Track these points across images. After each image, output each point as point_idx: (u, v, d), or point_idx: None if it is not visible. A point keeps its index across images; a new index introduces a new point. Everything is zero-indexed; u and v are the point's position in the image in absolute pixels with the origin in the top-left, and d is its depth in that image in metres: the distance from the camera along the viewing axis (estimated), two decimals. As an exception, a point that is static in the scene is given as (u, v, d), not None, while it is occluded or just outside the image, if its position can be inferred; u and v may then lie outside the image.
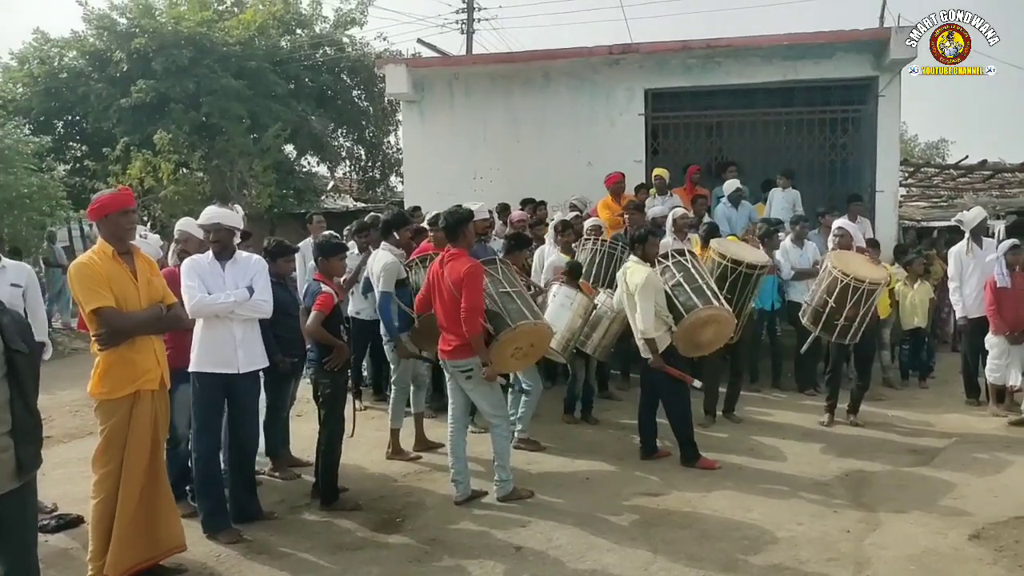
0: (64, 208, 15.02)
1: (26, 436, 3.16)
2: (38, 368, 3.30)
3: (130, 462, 4.00)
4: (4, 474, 3.09)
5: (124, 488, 3.99)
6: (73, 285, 3.95)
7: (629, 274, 5.95)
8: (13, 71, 20.69)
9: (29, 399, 3.17)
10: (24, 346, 3.14)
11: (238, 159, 17.54)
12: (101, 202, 4.03)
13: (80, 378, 5.45)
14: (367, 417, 7.34)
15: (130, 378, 3.97)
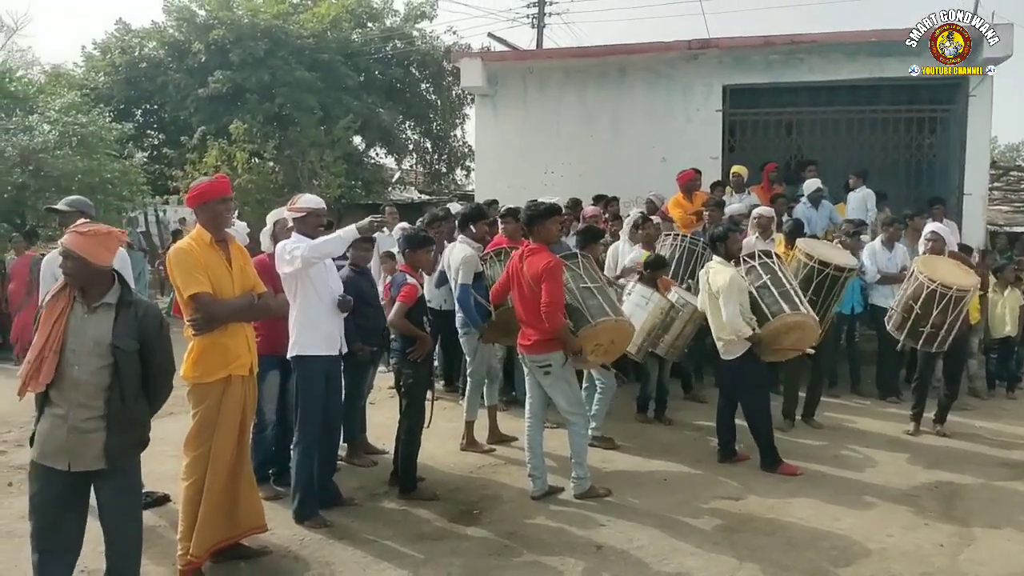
0: (143, 194, 15.47)
1: (117, 425, 3.35)
2: (152, 367, 3.43)
3: (218, 445, 4.06)
4: (91, 453, 3.33)
5: (212, 470, 4.06)
6: (172, 270, 4.00)
7: (712, 275, 5.82)
8: (96, 60, 21.44)
9: (126, 392, 3.34)
10: (130, 344, 3.33)
11: (309, 150, 17.84)
12: (201, 189, 4.08)
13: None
14: (439, 408, 7.32)
15: (222, 363, 4.03)
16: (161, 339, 3.47)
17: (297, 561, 4.29)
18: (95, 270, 3.37)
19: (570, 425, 5.25)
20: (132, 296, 3.46)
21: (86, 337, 3.32)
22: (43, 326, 3.36)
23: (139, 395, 3.43)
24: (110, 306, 3.39)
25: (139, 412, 3.46)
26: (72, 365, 3.29)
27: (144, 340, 3.39)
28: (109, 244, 3.43)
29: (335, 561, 4.30)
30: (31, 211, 13.51)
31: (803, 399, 7.10)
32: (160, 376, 3.51)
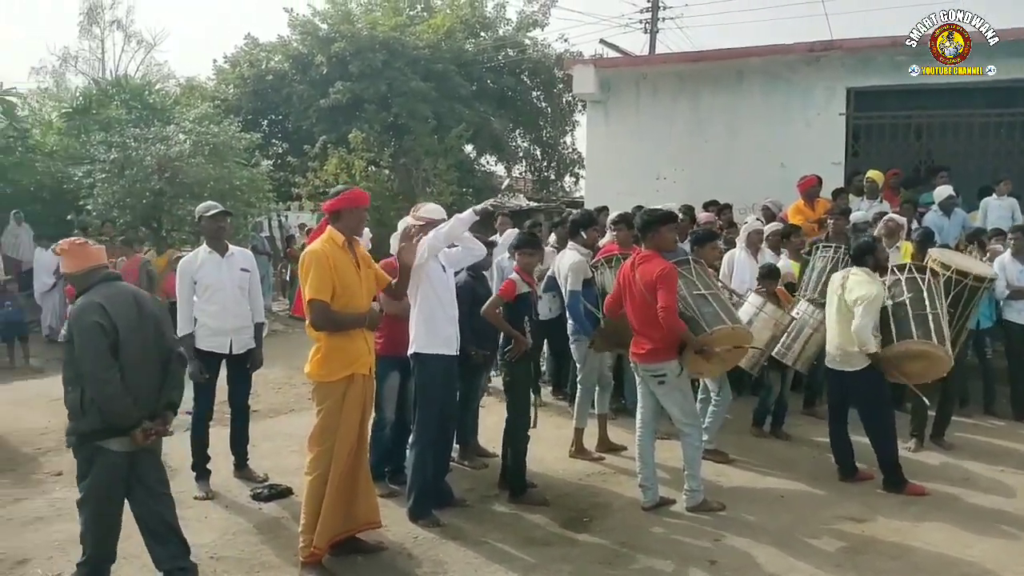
0: (269, 200, 16.22)
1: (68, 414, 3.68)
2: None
3: (341, 441, 4.19)
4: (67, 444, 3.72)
5: (334, 465, 4.19)
6: (305, 270, 4.17)
7: (853, 283, 5.52)
8: (226, 73, 22.67)
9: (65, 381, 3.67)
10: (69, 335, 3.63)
11: (423, 158, 18.25)
12: (350, 196, 4.30)
13: (280, 358, 5.89)
14: (547, 414, 7.38)
15: (346, 363, 4.18)
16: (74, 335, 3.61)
17: (411, 559, 4.38)
18: (78, 276, 3.76)
19: (684, 436, 5.15)
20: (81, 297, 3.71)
21: None
22: None
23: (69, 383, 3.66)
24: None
25: (71, 402, 3.65)
26: None
27: (70, 330, 3.66)
28: (83, 251, 3.80)
29: (447, 561, 4.37)
30: (167, 215, 14.40)
31: (932, 418, 6.70)
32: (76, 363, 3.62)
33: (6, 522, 4.88)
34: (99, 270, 3.79)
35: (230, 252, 5.51)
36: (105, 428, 3.60)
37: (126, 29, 31.13)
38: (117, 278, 3.88)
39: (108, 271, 3.86)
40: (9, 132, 15.97)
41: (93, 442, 3.62)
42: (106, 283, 3.75)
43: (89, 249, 3.83)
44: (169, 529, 3.82)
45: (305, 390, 8.63)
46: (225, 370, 5.56)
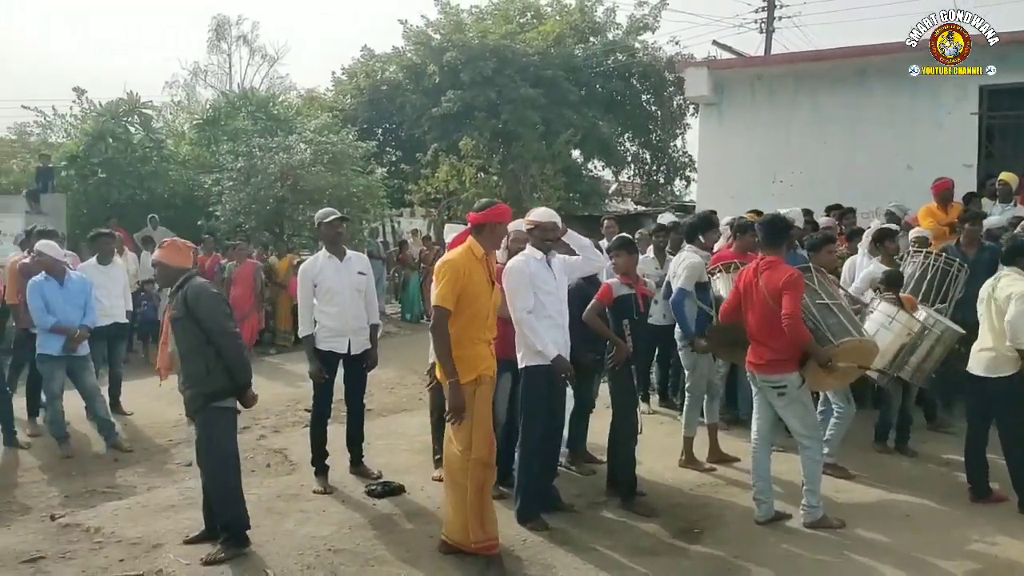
0: (383, 206, 16.73)
1: (188, 381, 4.35)
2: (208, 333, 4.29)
3: (477, 441, 4.23)
4: (188, 411, 4.43)
5: (473, 467, 4.22)
6: (440, 276, 4.29)
7: (1005, 283, 5.17)
8: (344, 84, 23.56)
9: (181, 352, 4.36)
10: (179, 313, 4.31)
11: (531, 163, 18.40)
12: (494, 211, 4.41)
13: (392, 360, 6.05)
14: (656, 422, 7.27)
15: (473, 366, 4.26)
16: (199, 308, 4.29)
17: (519, 561, 4.40)
18: (170, 271, 4.48)
19: (804, 450, 4.96)
20: (186, 283, 4.38)
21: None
22: (164, 328, 4.66)
23: (194, 354, 4.31)
24: (175, 292, 4.41)
25: (195, 369, 4.32)
26: (172, 343, 4.47)
27: (188, 310, 4.29)
28: (183, 251, 4.56)
29: (556, 565, 4.37)
30: (288, 221, 15.09)
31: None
32: (217, 336, 4.30)
33: (142, 508, 5.21)
34: (190, 269, 4.54)
35: (348, 256, 5.70)
36: (227, 387, 4.34)
37: (251, 44, 32.89)
38: (198, 274, 4.59)
39: (195, 270, 4.62)
40: (146, 142, 17.16)
41: (217, 402, 4.33)
42: (194, 278, 4.45)
43: (189, 251, 4.58)
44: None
45: (417, 391, 8.84)
46: (342, 370, 5.73)
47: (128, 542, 4.57)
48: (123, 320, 7.68)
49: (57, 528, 4.86)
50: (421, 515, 5.03)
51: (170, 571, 4.17)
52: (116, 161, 16.06)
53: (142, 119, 17.64)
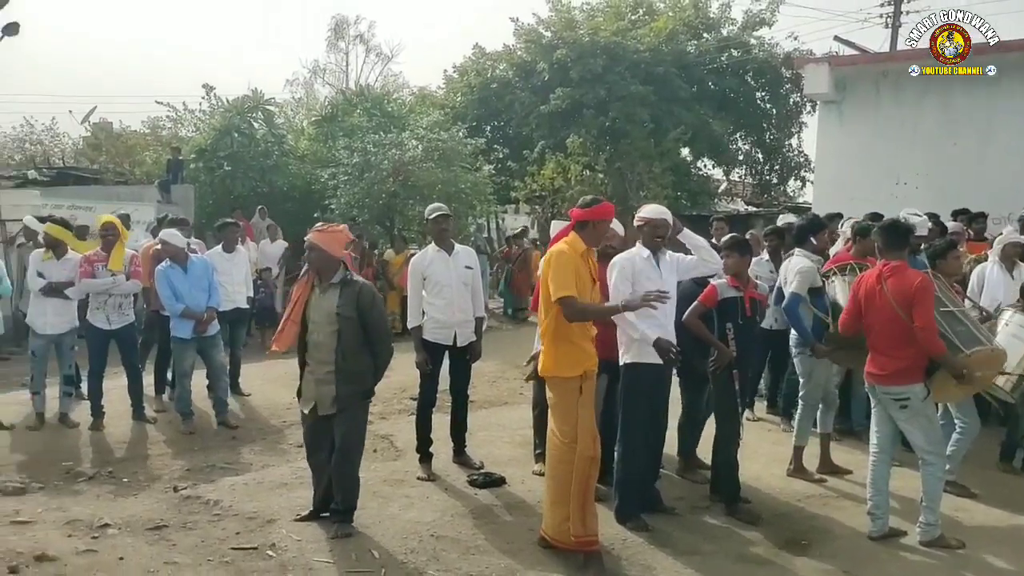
0: (490, 203, 16.91)
1: (345, 377, 4.42)
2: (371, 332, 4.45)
3: (582, 436, 4.23)
4: (326, 401, 4.48)
5: (578, 464, 4.22)
6: (551, 268, 4.30)
7: None
8: (455, 82, 23.93)
9: (347, 348, 4.40)
10: (351, 312, 4.37)
11: (639, 161, 18.19)
12: (598, 209, 4.41)
13: (494, 353, 6.11)
14: (763, 429, 7.08)
15: (578, 361, 4.27)
16: (373, 308, 4.47)
17: (619, 560, 4.37)
18: (328, 258, 4.43)
19: (926, 465, 4.71)
20: (351, 278, 4.49)
21: (321, 309, 4.43)
22: (290, 303, 4.62)
23: (359, 352, 4.43)
24: (336, 285, 4.44)
25: (359, 366, 4.43)
26: (314, 332, 4.46)
27: (360, 309, 4.39)
28: (340, 239, 4.51)
29: (656, 567, 4.31)
30: (399, 215, 15.48)
31: None
32: (378, 336, 4.51)
33: (257, 485, 5.47)
34: (342, 258, 4.52)
35: (456, 251, 5.81)
36: (373, 387, 4.64)
37: (367, 43, 33.84)
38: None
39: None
40: (268, 138, 17.92)
41: (367, 399, 4.62)
42: (353, 277, 4.53)
43: (345, 240, 4.58)
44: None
45: (517, 384, 8.91)
46: (448, 361, 5.84)
47: (244, 516, 4.81)
48: (244, 305, 8.06)
49: (179, 499, 5.16)
50: (521, 508, 5.07)
51: (283, 546, 4.36)
52: (240, 155, 16.85)
53: (265, 115, 18.43)
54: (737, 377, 5.14)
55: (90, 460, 6.00)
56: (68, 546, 4.26)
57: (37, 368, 6.69)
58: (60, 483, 5.49)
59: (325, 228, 4.57)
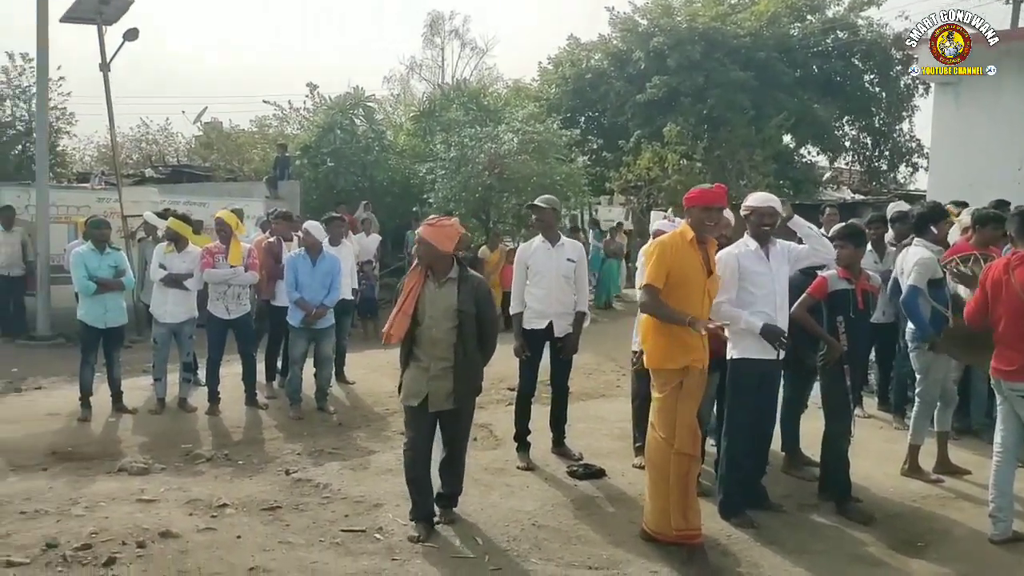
0: (584, 194, 16.85)
1: (461, 373, 4.36)
2: (485, 327, 4.42)
3: (681, 433, 4.17)
4: (441, 396, 4.37)
5: (675, 459, 4.17)
6: (650, 255, 4.34)
7: None
8: (549, 74, 23.92)
9: (467, 345, 4.34)
10: (472, 308, 4.32)
11: (739, 149, 17.75)
12: (695, 194, 4.33)
13: (590, 345, 6.08)
14: (874, 427, 6.79)
15: (682, 352, 4.19)
16: (489, 304, 4.48)
17: (725, 556, 4.29)
18: (438, 253, 4.31)
19: (1055, 466, 4.43)
20: (467, 273, 4.43)
21: (438, 305, 4.31)
22: (401, 296, 4.47)
23: (476, 349, 4.40)
24: (453, 280, 4.35)
25: (475, 363, 4.43)
26: (430, 327, 4.32)
27: (478, 305, 4.35)
28: (450, 234, 4.35)
29: (763, 564, 4.21)
30: (494, 208, 15.62)
31: None
32: (490, 332, 4.50)
33: (363, 470, 5.64)
34: (453, 253, 4.43)
35: (561, 242, 5.81)
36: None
37: (462, 37, 34.21)
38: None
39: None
40: (369, 134, 18.40)
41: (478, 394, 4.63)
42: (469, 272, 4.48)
43: (457, 235, 4.43)
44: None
45: (615, 377, 8.86)
46: (548, 352, 5.85)
47: (352, 499, 4.97)
48: (349, 297, 8.29)
49: (291, 482, 5.37)
50: (622, 500, 5.05)
51: (389, 530, 4.48)
52: (343, 151, 17.37)
53: (366, 112, 18.93)
54: (848, 372, 4.97)
55: (208, 443, 6.31)
56: (189, 524, 4.51)
57: (159, 355, 7.08)
58: (181, 464, 5.80)
59: (435, 222, 4.43)
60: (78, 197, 12.66)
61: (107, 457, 5.88)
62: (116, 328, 6.99)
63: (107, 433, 6.48)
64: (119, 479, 5.39)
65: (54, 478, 5.36)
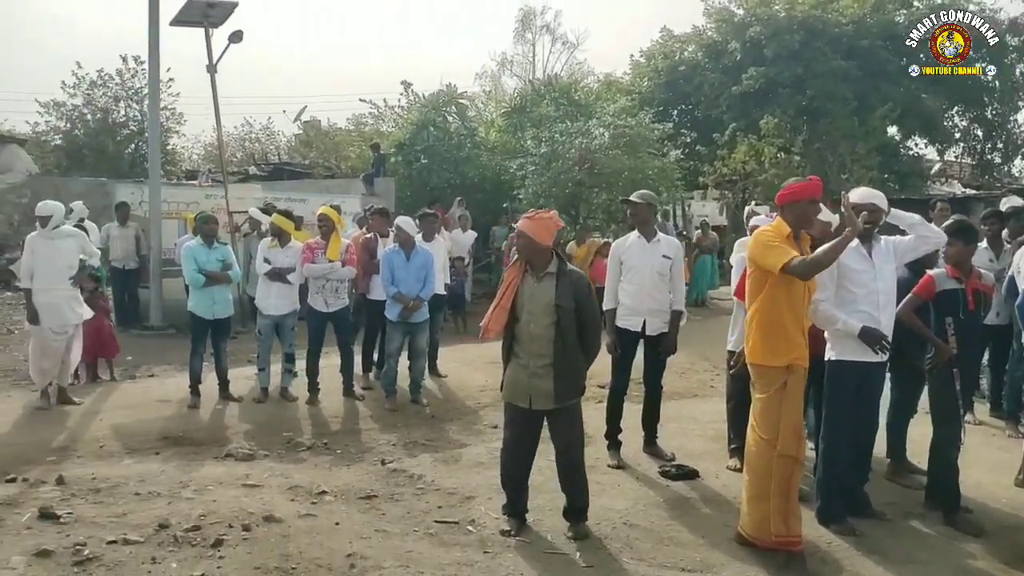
0: (677, 189, 16.59)
1: (561, 370, 4.23)
2: (586, 323, 4.27)
3: (785, 434, 4.08)
4: (544, 395, 4.27)
5: (778, 461, 4.08)
6: (757, 249, 4.18)
7: None
8: (641, 67, 23.63)
9: (567, 341, 4.22)
10: (571, 303, 4.19)
11: (840, 142, 17.12)
12: (793, 189, 4.20)
13: (684, 344, 5.97)
14: (986, 434, 6.46)
15: (785, 350, 4.09)
16: (590, 300, 4.30)
17: (824, 563, 4.16)
18: (537, 247, 4.23)
19: None
20: (567, 267, 4.31)
21: (538, 300, 4.22)
22: (500, 290, 4.39)
23: (576, 346, 4.26)
24: (552, 275, 4.25)
25: (576, 360, 4.29)
26: (528, 323, 4.24)
27: (578, 300, 4.21)
28: (549, 227, 4.26)
29: (864, 573, 4.07)
30: (584, 204, 15.56)
31: None
32: (591, 329, 4.33)
33: (455, 463, 5.73)
34: (552, 247, 4.33)
35: (656, 238, 5.73)
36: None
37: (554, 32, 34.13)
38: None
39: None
40: (461, 130, 18.62)
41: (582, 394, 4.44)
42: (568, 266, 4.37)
43: (555, 228, 4.35)
44: None
45: (708, 377, 8.71)
46: (642, 349, 5.79)
47: (445, 491, 5.06)
48: (442, 292, 8.42)
49: (386, 472, 5.51)
50: (716, 502, 4.96)
51: (482, 522, 4.54)
52: (435, 148, 17.62)
53: (458, 109, 19.17)
54: (957, 376, 4.74)
55: (308, 432, 6.54)
56: (291, 509, 4.68)
57: (263, 346, 7.37)
58: (283, 452, 6.03)
59: (533, 215, 4.35)
60: (187, 194, 13.25)
61: (214, 443, 6.18)
62: (223, 319, 7.32)
63: (214, 420, 6.79)
64: (226, 464, 5.65)
65: (166, 462, 5.67)
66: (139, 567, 3.87)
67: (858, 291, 4.47)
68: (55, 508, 4.53)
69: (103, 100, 21.72)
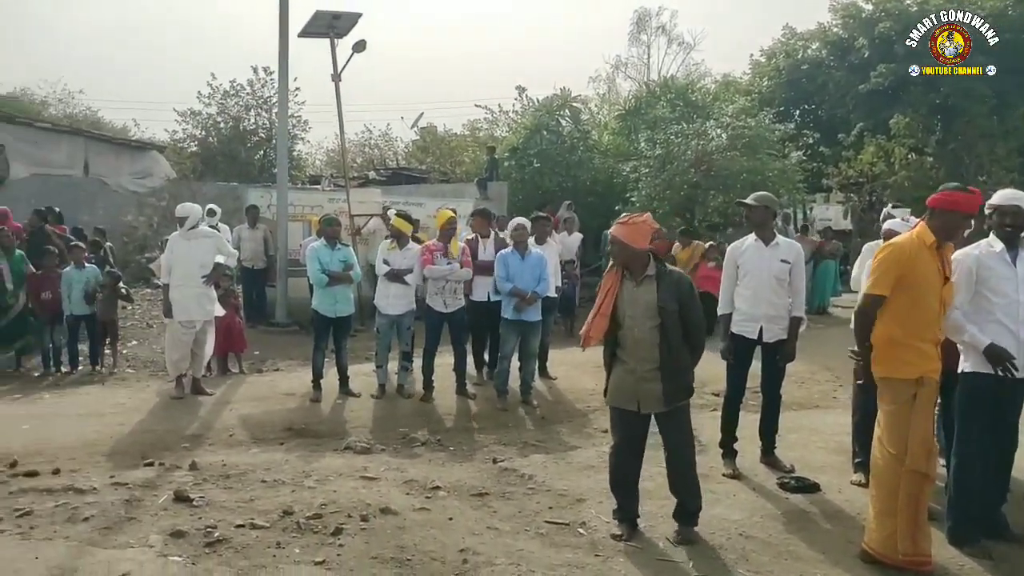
0: (798, 191, 16.01)
1: (669, 373, 4.19)
2: (690, 323, 4.21)
3: (914, 448, 3.91)
4: (653, 399, 4.23)
5: (906, 476, 3.92)
6: (881, 259, 4.07)
7: None
8: (762, 66, 22.96)
9: (672, 343, 4.17)
10: (673, 305, 4.14)
11: (978, 142, 16.09)
12: (953, 198, 4.04)
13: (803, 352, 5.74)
14: None
15: (915, 363, 3.93)
16: (693, 299, 4.25)
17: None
18: (633, 252, 4.17)
19: None
20: (667, 268, 4.27)
21: (638, 303, 4.16)
22: (599, 297, 4.32)
23: (682, 347, 4.21)
24: (651, 278, 4.19)
25: (683, 361, 4.23)
26: (631, 328, 4.19)
27: (680, 301, 4.16)
28: (643, 231, 4.20)
29: (1004, 601, 3.81)
30: (699, 207, 15.25)
31: None
32: (696, 329, 4.27)
33: (567, 465, 5.73)
34: (647, 250, 4.27)
35: (775, 242, 5.54)
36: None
37: (669, 33, 33.68)
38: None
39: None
40: (574, 134, 18.62)
41: (691, 395, 4.38)
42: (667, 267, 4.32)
43: (650, 232, 4.27)
44: None
45: (830, 387, 8.37)
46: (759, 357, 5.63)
47: (556, 492, 5.08)
48: (553, 295, 8.46)
49: (498, 471, 5.58)
50: (839, 517, 4.75)
51: (592, 525, 4.53)
52: (548, 152, 17.70)
53: (572, 112, 19.18)
54: None
55: (423, 428, 6.70)
56: (407, 503, 4.81)
57: (381, 344, 7.61)
58: (399, 446, 6.21)
59: (627, 220, 4.28)
60: (311, 198, 13.84)
61: (334, 435, 6.43)
62: (345, 317, 7.61)
63: (334, 413, 7.06)
64: (345, 456, 5.87)
65: (289, 452, 5.95)
66: (265, 551, 4.08)
67: (997, 300, 4.20)
68: (189, 492, 4.83)
69: (235, 109, 23.03)
